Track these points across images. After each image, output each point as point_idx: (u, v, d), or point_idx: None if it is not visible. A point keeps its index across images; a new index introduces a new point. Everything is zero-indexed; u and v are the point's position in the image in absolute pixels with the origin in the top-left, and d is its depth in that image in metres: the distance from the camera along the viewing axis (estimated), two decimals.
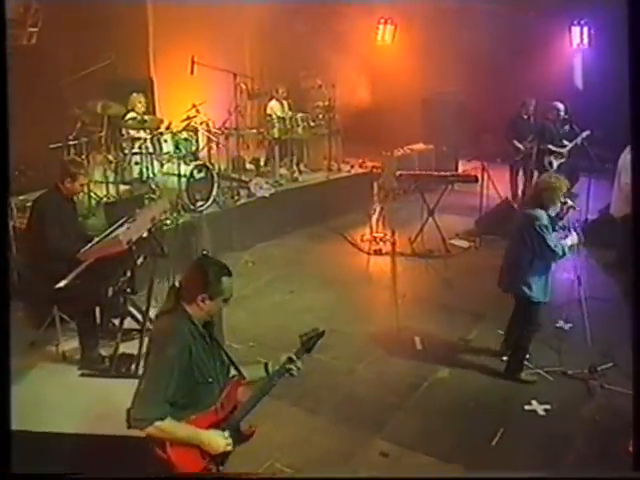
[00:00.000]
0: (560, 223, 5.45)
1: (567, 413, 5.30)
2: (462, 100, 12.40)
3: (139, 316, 5.48)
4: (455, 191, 10.22)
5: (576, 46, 13.01)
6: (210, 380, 3.02)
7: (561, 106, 9.77)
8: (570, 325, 6.59)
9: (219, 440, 2.99)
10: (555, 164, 9.68)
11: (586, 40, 12.88)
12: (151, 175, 8.17)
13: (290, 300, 7.32)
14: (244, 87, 9.51)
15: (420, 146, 11.95)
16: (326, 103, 10.45)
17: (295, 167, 10.33)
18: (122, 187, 8.18)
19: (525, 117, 10.66)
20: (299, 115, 10.20)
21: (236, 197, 8.94)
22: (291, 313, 6.98)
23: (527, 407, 5.34)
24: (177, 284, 3.09)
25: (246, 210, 8.98)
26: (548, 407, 5.33)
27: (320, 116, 10.40)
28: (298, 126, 10.10)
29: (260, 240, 9.00)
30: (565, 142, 9.71)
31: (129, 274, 5.00)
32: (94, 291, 4.77)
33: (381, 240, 9.16)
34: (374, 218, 9.84)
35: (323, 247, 9.19)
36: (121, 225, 5.08)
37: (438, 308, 7.20)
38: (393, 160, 11.28)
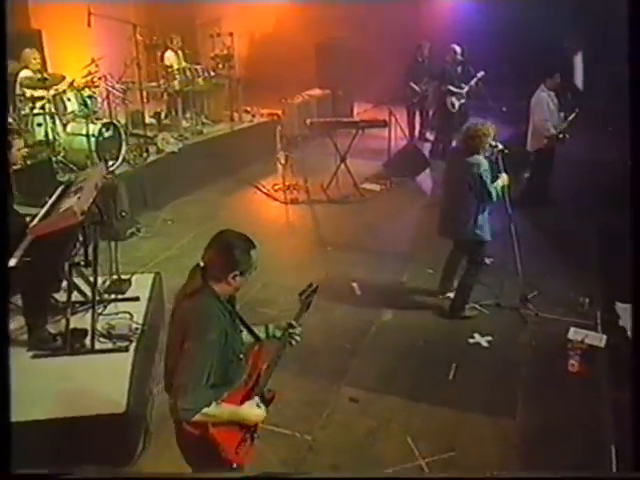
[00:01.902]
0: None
1: (507, 342, 5.72)
2: (354, 45, 12.48)
3: (86, 288, 5.28)
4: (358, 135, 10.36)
5: None
6: (241, 356, 3.03)
7: (458, 48, 10.12)
8: (492, 260, 7.04)
9: (256, 411, 3.04)
10: (457, 104, 10.07)
11: None
12: (56, 137, 7.68)
13: None
14: (140, 38, 9.03)
15: (317, 92, 12.00)
16: (224, 52, 10.19)
17: (198, 119, 10.06)
18: (24, 151, 7.62)
19: (420, 60, 10.95)
20: (199, 66, 9.91)
21: (145, 154, 8.62)
22: None
23: (471, 340, 5.72)
24: (201, 263, 2.99)
25: (156, 167, 8.68)
26: (490, 338, 5.72)
27: (220, 66, 10.14)
28: (199, 77, 9.82)
29: (174, 197, 8.80)
30: (463, 84, 10.09)
31: (78, 246, 4.77)
32: (51, 267, 4.50)
33: (294, 188, 9.21)
34: (282, 167, 9.84)
35: (239, 200, 9.15)
36: (64, 195, 4.82)
37: (366, 253, 7.41)
38: (293, 107, 11.26)
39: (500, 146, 5.75)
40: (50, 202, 4.77)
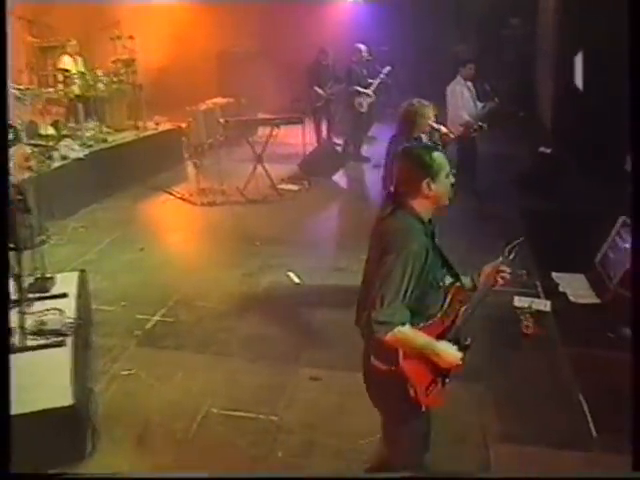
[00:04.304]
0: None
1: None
2: (255, 53, 12.37)
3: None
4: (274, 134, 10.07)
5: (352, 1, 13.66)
6: (440, 284, 2.77)
7: (363, 47, 10.15)
8: None
9: (452, 351, 2.78)
10: (365, 104, 10.07)
11: None
12: None
13: (144, 257, 6.82)
14: (36, 40, 8.45)
15: (221, 100, 11.72)
16: (125, 56, 9.75)
17: (100, 127, 9.53)
18: None
19: (324, 63, 10.87)
20: (99, 70, 9.41)
21: (48, 161, 8.01)
22: (151, 268, 6.55)
23: None
24: (392, 189, 2.83)
25: (62, 174, 8.08)
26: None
27: (122, 70, 9.68)
28: (100, 82, 9.32)
29: (82, 205, 8.23)
30: (370, 81, 10.12)
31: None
32: None
33: (209, 192, 8.89)
34: (193, 172, 9.53)
35: (153, 205, 8.78)
36: None
37: (295, 246, 7.17)
38: (199, 114, 10.93)
39: (443, 129, 5.61)
40: None
